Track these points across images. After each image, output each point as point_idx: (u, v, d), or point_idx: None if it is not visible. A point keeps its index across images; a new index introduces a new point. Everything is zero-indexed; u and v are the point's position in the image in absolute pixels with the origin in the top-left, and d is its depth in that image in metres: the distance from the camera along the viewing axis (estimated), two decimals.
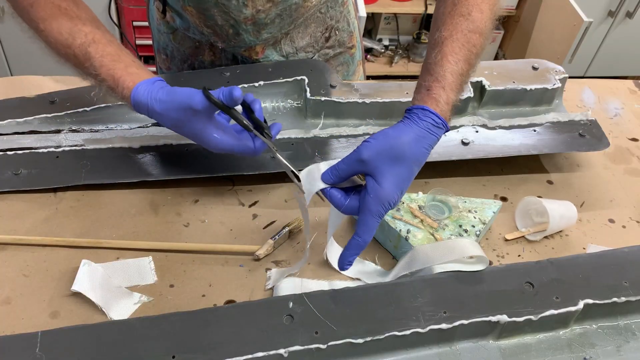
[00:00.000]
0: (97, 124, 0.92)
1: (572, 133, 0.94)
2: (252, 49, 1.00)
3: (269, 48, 1.01)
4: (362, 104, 0.95)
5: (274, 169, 0.86)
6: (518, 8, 2.47)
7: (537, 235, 0.84)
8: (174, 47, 1.07)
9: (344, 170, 0.66)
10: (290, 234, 0.80)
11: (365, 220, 0.65)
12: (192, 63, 1.07)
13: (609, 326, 0.70)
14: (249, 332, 0.63)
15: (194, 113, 0.70)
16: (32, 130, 0.90)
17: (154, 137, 0.89)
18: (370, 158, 0.64)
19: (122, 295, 0.72)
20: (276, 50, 1.02)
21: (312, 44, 1.04)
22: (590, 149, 0.93)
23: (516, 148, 0.91)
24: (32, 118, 0.90)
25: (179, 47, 1.06)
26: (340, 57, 1.11)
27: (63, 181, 0.84)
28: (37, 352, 0.60)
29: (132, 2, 1.98)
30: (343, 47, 1.10)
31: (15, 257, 0.76)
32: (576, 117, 0.97)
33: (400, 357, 0.66)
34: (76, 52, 0.75)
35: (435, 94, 0.67)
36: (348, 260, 0.68)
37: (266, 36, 0.97)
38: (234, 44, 0.98)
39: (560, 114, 0.98)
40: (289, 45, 1.02)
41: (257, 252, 0.77)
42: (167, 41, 1.07)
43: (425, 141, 0.65)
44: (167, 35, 1.06)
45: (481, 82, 0.99)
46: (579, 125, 0.96)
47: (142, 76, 0.74)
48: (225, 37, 0.97)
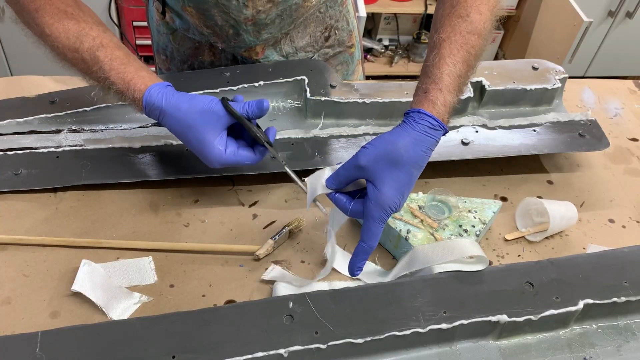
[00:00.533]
0: (97, 124, 0.92)
1: (572, 133, 0.94)
2: (252, 49, 1.00)
3: (268, 48, 1.01)
4: (362, 104, 0.95)
5: (274, 169, 0.86)
6: (518, 8, 2.47)
7: (537, 235, 0.84)
8: (174, 47, 1.07)
9: (345, 176, 0.67)
10: (290, 234, 0.80)
11: (369, 227, 0.65)
12: (192, 63, 1.07)
13: (609, 326, 0.70)
14: (249, 332, 0.63)
15: (209, 122, 0.70)
16: (32, 130, 0.90)
17: (154, 137, 0.89)
18: (368, 164, 0.64)
19: (122, 295, 0.72)
20: (276, 50, 1.02)
21: (311, 43, 1.04)
22: (590, 149, 0.93)
23: (516, 148, 0.91)
24: (32, 118, 0.90)
25: (179, 48, 1.06)
26: (339, 56, 1.11)
27: (63, 181, 0.84)
28: (37, 352, 0.60)
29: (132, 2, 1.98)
30: (342, 46, 1.10)
31: (15, 257, 0.76)
32: (576, 117, 0.97)
33: (400, 357, 0.66)
34: (84, 56, 0.75)
35: (432, 97, 0.67)
36: (357, 266, 0.69)
37: (266, 36, 0.97)
38: (234, 44, 0.98)
39: (560, 114, 0.98)
40: (289, 45, 1.02)
41: (257, 252, 0.77)
42: (166, 42, 1.07)
43: (422, 144, 0.65)
44: (166, 36, 1.06)
45: (481, 82, 0.99)
46: (579, 125, 0.96)
47: (153, 79, 0.74)
48: (225, 38, 0.97)
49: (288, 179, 0.72)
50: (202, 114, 0.71)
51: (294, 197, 0.87)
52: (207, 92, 0.93)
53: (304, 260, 0.79)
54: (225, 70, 0.97)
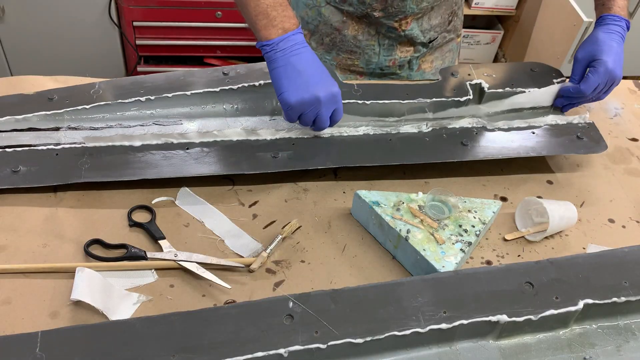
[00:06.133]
0: (96, 122, 0.92)
1: (570, 136, 0.95)
2: (404, 19, 1.06)
3: (415, 21, 1.07)
4: (362, 105, 0.95)
5: (274, 169, 0.86)
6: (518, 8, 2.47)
7: (537, 235, 0.84)
8: (321, 20, 1.10)
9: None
10: (284, 240, 0.80)
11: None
12: (334, 37, 1.11)
13: (609, 326, 0.70)
14: (249, 332, 0.63)
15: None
16: (30, 128, 0.89)
17: (154, 135, 0.89)
18: None
19: (121, 297, 0.72)
20: (418, 24, 1.08)
21: (440, 24, 1.11)
22: (589, 152, 0.93)
23: (515, 150, 0.92)
24: (31, 115, 0.89)
25: (327, 21, 1.10)
26: (450, 43, 1.18)
27: (63, 179, 0.83)
28: (37, 352, 0.60)
29: (132, 2, 1.98)
30: (455, 33, 1.17)
31: (15, 257, 0.76)
32: (574, 120, 0.98)
33: (400, 357, 0.66)
34: None
35: None
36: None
37: (424, 5, 1.05)
38: (393, 11, 1.03)
39: (559, 116, 0.99)
40: (426, 22, 1.09)
41: (251, 267, 0.76)
42: (315, 15, 1.10)
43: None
44: (317, 9, 1.09)
45: (480, 84, 0.99)
46: (576, 127, 0.97)
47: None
48: (389, 3, 1.02)
49: (288, 179, 0.72)
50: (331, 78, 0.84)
51: (294, 197, 0.87)
52: (207, 90, 0.93)
53: (304, 260, 0.79)
54: (225, 70, 0.97)
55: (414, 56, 1.14)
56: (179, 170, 0.85)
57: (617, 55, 0.94)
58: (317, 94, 0.81)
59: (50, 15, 1.94)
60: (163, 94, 0.92)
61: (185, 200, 0.85)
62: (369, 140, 0.92)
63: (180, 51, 2.10)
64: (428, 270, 0.75)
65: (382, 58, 1.12)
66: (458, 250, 0.75)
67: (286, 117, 0.84)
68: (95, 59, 2.11)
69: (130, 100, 0.91)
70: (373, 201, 0.80)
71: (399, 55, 1.12)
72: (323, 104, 0.82)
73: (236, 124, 0.95)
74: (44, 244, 0.77)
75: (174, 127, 0.93)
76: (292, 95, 0.81)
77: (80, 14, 1.98)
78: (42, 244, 0.77)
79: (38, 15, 1.93)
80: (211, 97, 0.94)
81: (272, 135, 0.91)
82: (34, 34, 1.96)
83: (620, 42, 0.96)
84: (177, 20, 2.02)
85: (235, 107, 0.96)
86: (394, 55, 1.12)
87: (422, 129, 0.95)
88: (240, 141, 0.90)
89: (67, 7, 1.95)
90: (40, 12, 1.92)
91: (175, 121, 0.94)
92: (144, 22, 2.01)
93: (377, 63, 1.13)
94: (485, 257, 0.81)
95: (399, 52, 1.12)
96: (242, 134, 0.90)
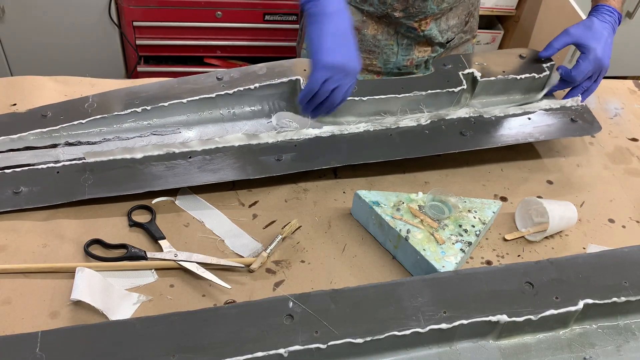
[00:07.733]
0: (93, 136, 0.90)
1: (564, 119, 0.97)
2: (424, 19, 1.07)
3: (434, 21, 1.08)
4: (359, 102, 0.95)
5: (280, 172, 0.86)
6: (518, 8, 2.47)
7: (537, 235, 0.84)
8: None
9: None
10: (284, 240, 0.80)
11: None
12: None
13: (609, 326, 0.70)
14: (249, 332, 0.63)
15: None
16: (27, 147, 0.87)
17: (155, 146, 0.87)
18: None
19: (121, 297, 0.72)
20: (437, 24, 1.10)
21: (457, 25, 1.12)
22: (584, 134, 0.97)
23: (513, 137, 0.93)
24: (27, 133, 0.87)
25: None
26: (466, 44, 1.19)
27: (66, 197, 0.81)
28: (37, 352, 0.60)
29: (132, 2, 1.97)
30: (470, 34, 1.18)
31: (15, 257, 0.76)
32: (567, 103, 1.00)
33: (400, 357, 0.66)
34: None
35: None
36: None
37: (444, 6, 1.06)
38: (414, 11, 1.04)
39: (552, 100, 1.01)
40: (444, 22, 1.11)
41: (252, 267, 0.76)
42: None
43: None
44: None
45: (472, 73, 1.00)
46: (570, 110, 0.99)
47: None
48: (410, 3, 1.03)
49: (288, 179, 0.71)
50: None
51: (294, 197, 0.87)
52: (203, 97, 0.92)
53: (303, 260, 0.79)
54: (220, 74, 0.97)
55: (431, 56, 1.14)
56: (183, 180, 0.84)
57: (606, 44, 0.96)
58: (353, 61, 0.80)
59: (50, 15, 1.94)
60: (159, 103, 0.91)
61: (185, 200, 0.85)
62: (370, 136, 0.92)
63: (180, 51, 2.10)
64: (428, 270, 0.75)
65: (400, 58, 1.13)
66: (458, 250, 0.75)
67: (311, 81, 0.80)
68: (95, 59, 2.11)
69: (126, 112, 0.90)
70: (373, 201, 0.80)
71: (416, 55, 1.13)
72: (351, 75, 0.81)
73: (234, 128, 0.95)
74: (44, 244, 0.77)
75: (172, 136, 0.92)
76: (331, 55, 0.78)
77: (80, 14, 1.98)
78: (42, 244, 0.77)
79: (38, 15, 1.92)
80: (207, 103, 0.94)
81: (273, 138, 0.90)
82: (34, 34, 1.96)
83: (611, 34, 0.97)
84: (177, 20, 2.02)
85: (232, 112, 0.96)
86: (411, 55, 1.13)
87: (421, 121, 0.95)
88: (242, 146, 0.89)
89: (67, 7, 1.95)
90: (40, 12, 1.92)
91: (174, 130, 0.93)
92: (144, 22, 2.01)
93: (395, 63, 1.14)
94: (485, 257, 0.81)
95: (416, 52, 1.13)
96: (243, 139, 0.90)
